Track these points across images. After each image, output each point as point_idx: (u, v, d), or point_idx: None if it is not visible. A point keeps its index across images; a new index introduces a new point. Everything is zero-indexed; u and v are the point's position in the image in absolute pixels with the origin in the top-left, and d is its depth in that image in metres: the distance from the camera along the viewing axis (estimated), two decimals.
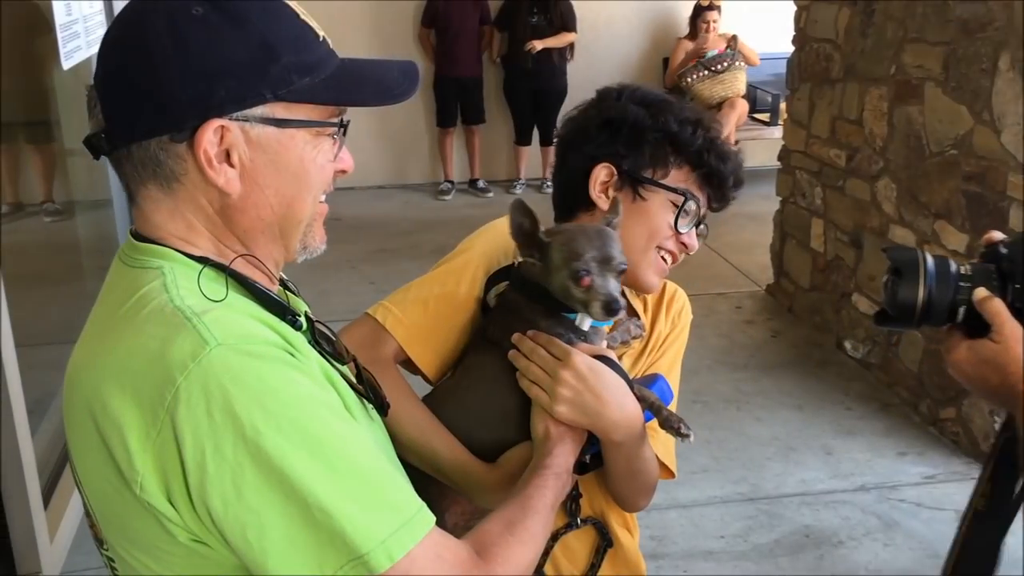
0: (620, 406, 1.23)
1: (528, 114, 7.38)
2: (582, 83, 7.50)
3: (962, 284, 1.11)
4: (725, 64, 7.05)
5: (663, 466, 1.42)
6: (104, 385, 0.87)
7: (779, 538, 3.24)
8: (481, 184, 7.50)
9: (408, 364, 1.35)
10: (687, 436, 1.26)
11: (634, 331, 1.38)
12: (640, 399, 1.26)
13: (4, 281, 2.42)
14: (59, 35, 2.49)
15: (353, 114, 1.02)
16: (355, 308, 1.36)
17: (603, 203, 1.38)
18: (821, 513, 3.37)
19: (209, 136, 0.91)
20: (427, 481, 1.22)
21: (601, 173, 1.38)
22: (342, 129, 1.00)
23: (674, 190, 1.37)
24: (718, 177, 1.39)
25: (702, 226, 1.42)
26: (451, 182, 7.50)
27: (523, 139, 7.48)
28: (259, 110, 0.93)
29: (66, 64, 2.55)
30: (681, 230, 1.38)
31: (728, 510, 3.39)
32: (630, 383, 1.26)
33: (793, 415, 4.05)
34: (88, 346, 0.94)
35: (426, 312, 1.33)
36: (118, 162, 0.96)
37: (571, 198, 1.42)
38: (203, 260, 0.95)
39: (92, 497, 0.93)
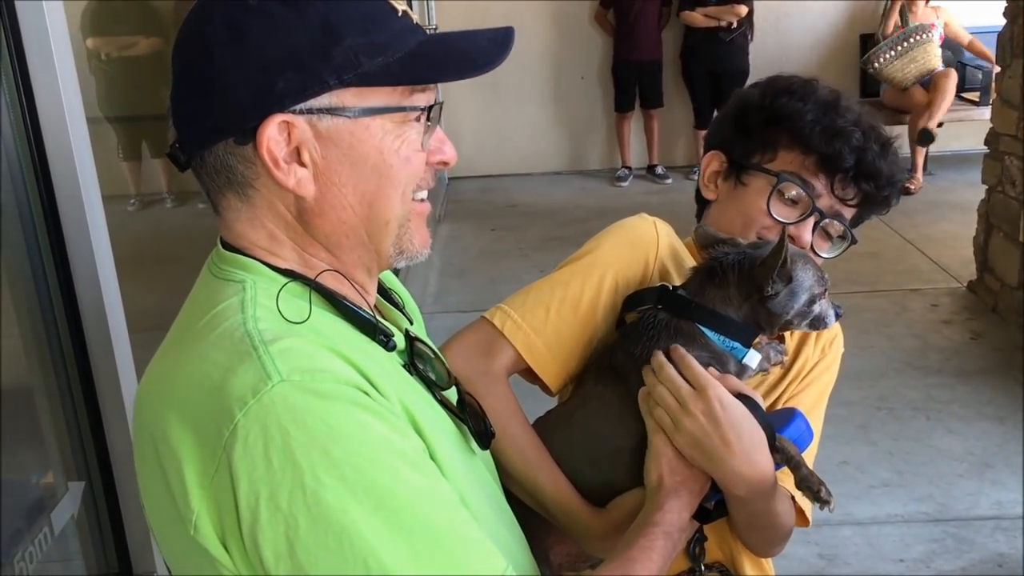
0: (748, 459, 1.07)
1: (707, 97, 7.11)
2: (768, 66, 7.12)
3: None
4: (912, 40, 6.50)
5: (799, 511, 1.25)
6: (166, 412, 0.82)
7: (967, 566, 2.94)
8: (659, 170, 7.31)
9: (527, 373, 1.24)
10: (827, 503, 1.09)
11: (774, 357, 1.21)
12: (777, 451, 1.10)
13: (170, 265, 2.50)
14: None
15: (527, 100, 0.92)
16: None
17: (709, 192, 1.30)
18: (1018, 541, 3.03)
19: (272, 134, 0.84)
20: (531, 513, 1.13)
21: (712, 162, 1.31)
22: (427, 112, 0.89)
23: (768, 171, 1.24)
24: (833, 161, 1.22)
25: (828, 221, 1.25)
26: (628, 168, 7.35)
27: (703, 123, 7.19)
28: (324, 99, 0.84)
29: None
30: (777, 216, 1.23)
31: (910, 531, 3.11)
32: (772, 434, 1.09)
33: (992, 428, 3.68)
34: (161, 361, 0.90)
35: (547, 317, 1.21)
36: (196, 172, 0.91)
37: (699, 198, 1.33)
38: (289, 273, 0.88)
39: (153, 524, 0.89)
